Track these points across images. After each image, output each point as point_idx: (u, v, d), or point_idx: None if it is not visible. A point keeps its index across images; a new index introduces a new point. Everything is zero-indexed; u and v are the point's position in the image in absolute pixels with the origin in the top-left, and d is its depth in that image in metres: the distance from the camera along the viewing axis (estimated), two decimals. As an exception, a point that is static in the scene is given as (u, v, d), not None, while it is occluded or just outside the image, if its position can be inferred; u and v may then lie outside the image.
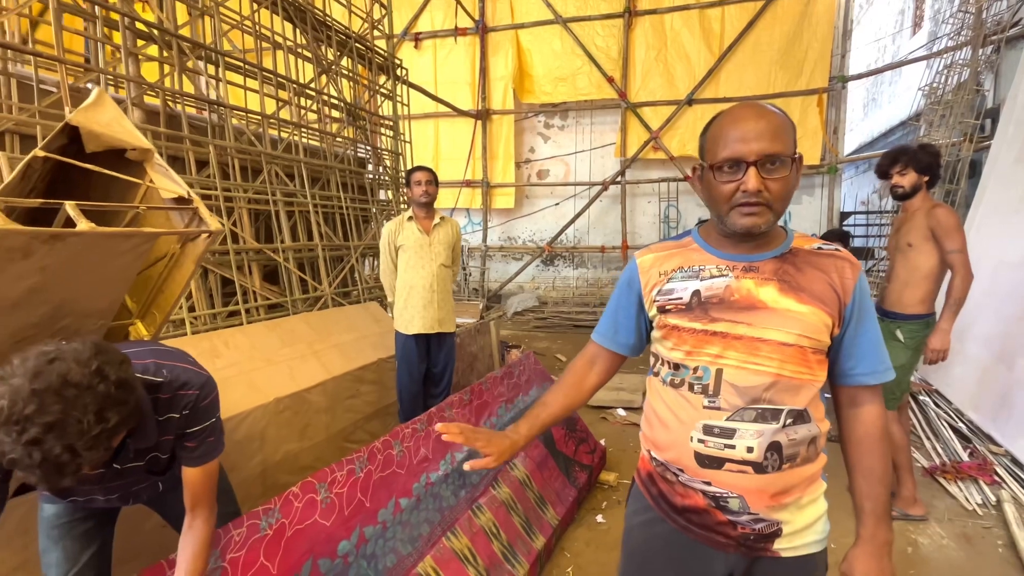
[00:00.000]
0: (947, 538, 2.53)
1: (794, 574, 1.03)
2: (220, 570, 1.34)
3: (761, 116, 0.94)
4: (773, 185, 0.93)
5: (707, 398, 1.00)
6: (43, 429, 0.84)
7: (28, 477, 0.89)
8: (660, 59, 8.04)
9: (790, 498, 0.99)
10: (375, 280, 4.95)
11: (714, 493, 1.01)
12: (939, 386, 4.34)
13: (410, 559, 1.78)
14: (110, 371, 0.93)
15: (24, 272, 1.09)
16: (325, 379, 3.04)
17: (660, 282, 1.08)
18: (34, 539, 1.68)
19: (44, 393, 0.86)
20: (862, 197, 12.22)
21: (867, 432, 1.04)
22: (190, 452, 1.24)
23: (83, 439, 0.88)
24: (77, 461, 0.88)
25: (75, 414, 0.87)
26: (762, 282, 0.99)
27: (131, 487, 1.31)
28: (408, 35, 8.82)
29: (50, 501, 1.38)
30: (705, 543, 1.05)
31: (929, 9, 9.16)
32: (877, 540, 1.00)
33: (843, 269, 1.00)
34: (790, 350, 0.96)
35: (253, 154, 3.75)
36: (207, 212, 1.47)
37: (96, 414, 0.89)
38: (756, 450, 0.96)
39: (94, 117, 1.43)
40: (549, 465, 2.67)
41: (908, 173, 2.57)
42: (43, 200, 1.14)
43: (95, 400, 0.90)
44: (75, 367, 0.89)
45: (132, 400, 0.97)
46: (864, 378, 1.02)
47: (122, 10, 2.92)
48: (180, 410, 1.19)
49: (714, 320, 1.00)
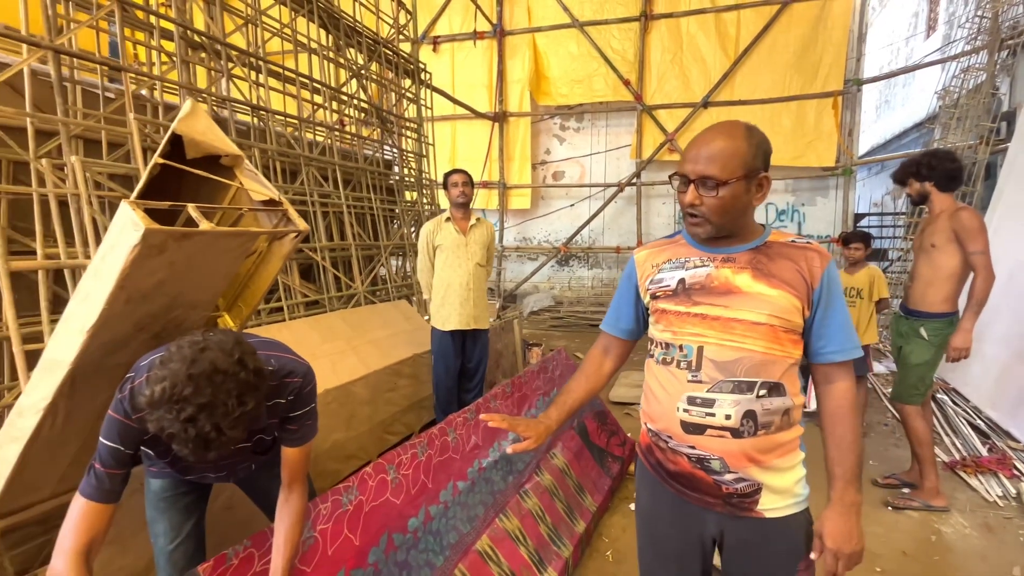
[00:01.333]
0: (969, 527, 2.64)
1: (779, 532, 1.16)
2: (312, 540, 1.47)
3: (710, 142, 1.11)
4: (708, 201, 1.10)
5: (691, 373, 1.15)
6: (197, 409, 0.97)
7: (181, 450, 1.02)
8: (676, 62, 8.14)
9: (766, 460, 1.13)
10: (403, 278, 5.09)
11: (698, 456, 1.15)
12: (957, 385, 4.42)
13: (469, 536, 1.91)
14: (249, 361, 1.06)
15: (157, 267, 1.23)
16: (366, 373, 3.18)
17: (652, 273, 1.25)
18: (125, 515, 1.83)
19: (198, 378, 0.98)
20: (875, 199, 12.26)
21: (838, 404, 1.15)
22: (292, 434, 1.35)
23: (227, 419, 1.00)
24: (222, 438, 1.01)
25: (222, 397, 1.00)
26: (738, 270, 1.14)
27: (237, 466, 1.44)
28: (427, 39, 8.97)
29: (156, 477, 1.51)
30: (697, 504, 1.20)
31: (944, 13, 9.22)
32: (845, 501, 1.11)
33: (812, 259, 1.13)
34: (761, 328, 1.10)
35: (292, 157, 3.89)
36: (295, 213, 1.60)
37: (238, 398, 1.02)
38: (733, 417, 1.11)
39: (193, 126, 1.57)
40: (585, 455, 2.79)
41: (912, 183, 2.73)
42: (172, 203, 1.27)
43: (237, 386, 1.02)
44: (222, 356, 1.02)
45: (264, 387, 1.10)
46: (833, 356, 1.15)
47: (177, 20, 3.07)
48: (286, 396, 1.30)
49: (696, 303, 1.16)
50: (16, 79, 2.37)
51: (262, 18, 3.85)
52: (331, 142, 4.35)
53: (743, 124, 1.14)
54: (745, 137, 1.11)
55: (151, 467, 1.50)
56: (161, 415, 0.98)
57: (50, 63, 2.43)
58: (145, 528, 1.83)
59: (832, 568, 1.10)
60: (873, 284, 3.59)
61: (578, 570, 2.32)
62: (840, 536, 1.09)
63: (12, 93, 2.45)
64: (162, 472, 1.49)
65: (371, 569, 1.56)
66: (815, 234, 7.98)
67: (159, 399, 0.97)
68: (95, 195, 2.44)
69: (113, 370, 1.40)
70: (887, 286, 3.65)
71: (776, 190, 8.20)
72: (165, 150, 1.49)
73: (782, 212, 8.22)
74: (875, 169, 11.97)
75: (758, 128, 1.15)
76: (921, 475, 2.82)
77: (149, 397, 0.99)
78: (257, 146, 3.56)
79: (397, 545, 1.67)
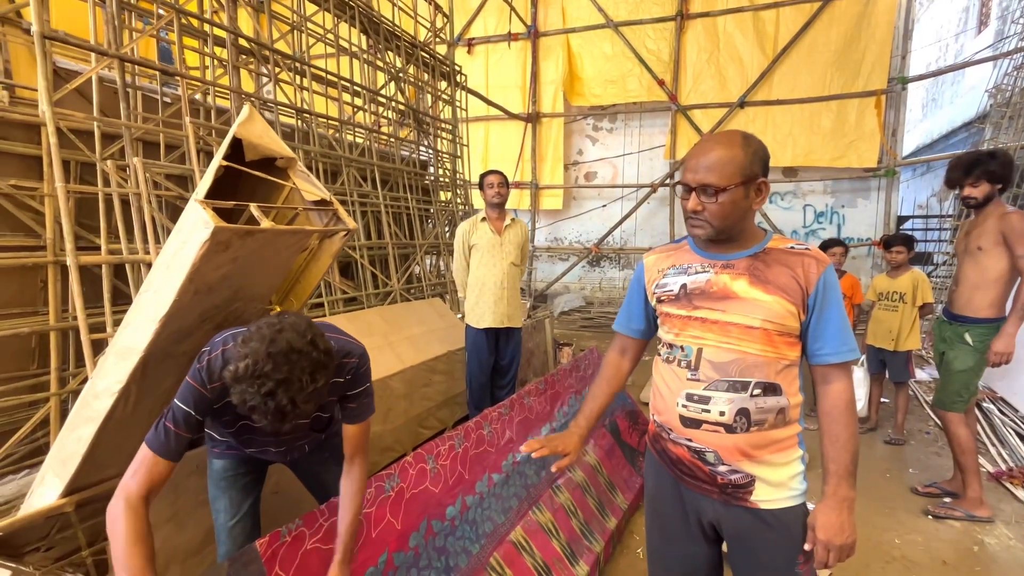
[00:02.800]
0: (1015, 539, 2.56)
1: (775, 524, 1.20)
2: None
3: (709, 151, 1.17)
4: (709, 207, 1.17)
5: (690, 372, 1.23)
6: (276, 384, 1.07)
7: (260, 420, 1.13)
8: (712, 61, 8.04)
9: (759, 455, 1.19)
10: (436, 277, 5.19)
11: (695, 448, 1.24)
12: (1005, 394, 4.27)
13: (504, 527, 1.97)
14: (320, 342, 1.16)
15: (222, 262, 1.32)
16: (402, 368, 3.27)
17: (658, 277, 1.33)
18: (182, 495, 1.95)
19: (277, 356, 1.08)
20: (919, 201, 11.85)
21: (834, 404, 1.19)
22: (351, 411, 1.45)
23: (302, 394, 1.10)
24: (296, 411, 1.11)
25: (297, 374, 1.09)
26: (736, 276, 1.20)
27: (296, 442, 1.55)
28: (462, 41, 9.08)
29: (219, 458, 1.63)
30: (695, 490, 1.28)
31: (996, 8, 8.86)
32: (838, 496, 1.15)
33: (808, 265, 1.17)
34: (756, 332, 1.17)
35: (333, 157, 4.02)
36: (344, 213, 1.69)
37: (310, 375, 1.11)
38: (727, 414, 1.18)
39: (251, 130, 1.67)
40: (616, 454, 2.82)
41: (981, 184, 2.55)
42: (236, 202, 1.37)
43: (310, 364, 1.12)
44: (297, 337, 1.12)
45: (332, 366, 1.19)
46: (829, 358, 1.18)
47: (229, 28, 3.22)
48: (344, 375, 1.40)
49: (696, 308, 1.23)
50: (84, 85, 2.54)
51: (307, 24, 3.99)
52: (370, 143, 4.47)
53: (740, 133, 1.20)
54: (741, 145, 1.17)
55: (214, 448, 1.62)
56: (244, 389, 1.09)
57: (115, 70, 2.59)
58: (200, 508, 1.95)
59: (823, 559, 1.15)
60: (916, 289, 3.51)
61: (609, 565, 2.35)
62: (831, 528, 1.14)
63: (79, 98, 2.62)
64: (224, 453, 1.61)
65: (412, 553, 1.63)
66: (855, 237, 7.78)
67: (242, 375, 1.07)
68: (154, 194, 2.59)
69: (180, 357, 1.50)
70: (931, 291, 3.57)
71: (815, 191, 8.02)
72: (226, 153, 1.59)
73: (820, 214, 8.04)
74: (920, 170, 11.57)
75: (755, 136, 1.20)
76: (964, 484, 2.75)
77: (233, 373, 1.09)
78: (301, 148, 3.70)
79: (436, 532, 1.73)
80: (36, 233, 2.42)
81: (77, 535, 1.70)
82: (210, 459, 1.64)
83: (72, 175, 2.56)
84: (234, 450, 1.59)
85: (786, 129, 7.68)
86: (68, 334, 2.44)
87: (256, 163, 1.72)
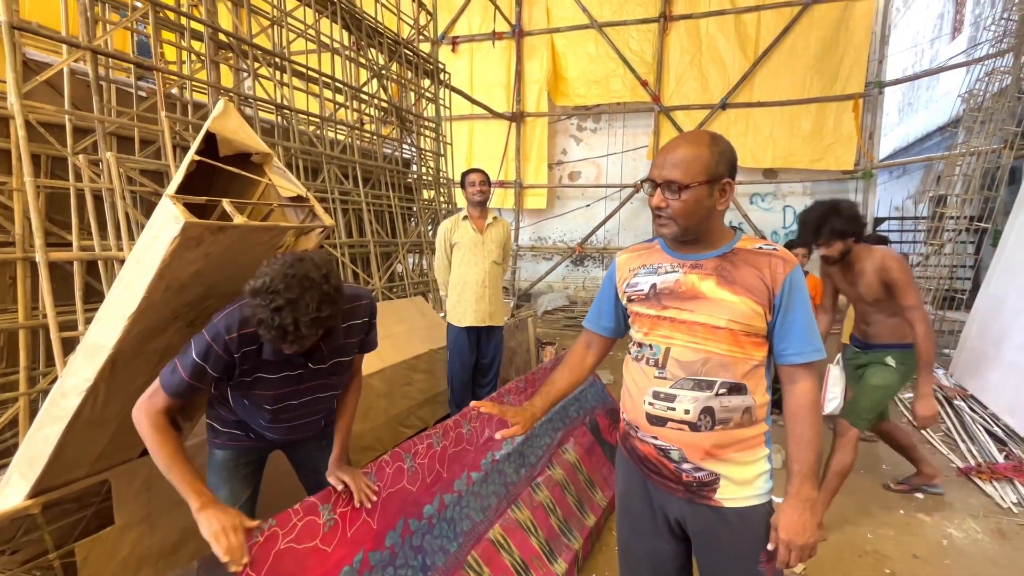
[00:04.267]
0: (982, 533, 2.63)
1: (739, 523, 1.22)
2: (332, 521, 1.53)
3: (675, 149, 1.18)
4: (673, 204, 1.18)
5: (657, 370, 1.25)
6: (284, 302, 1.18)
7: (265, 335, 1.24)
8: (695, 63, 8.12)
9: (723, 454, 1.21)
10: (419, 275, 5.17)
11: (660, 445, 1.26)
12: (975, 391, 4.38)
13: (482, 525, 1.97)
14: (333, 278, 1.26)
15: (194, 258, 1.30)
16: (383, 367, 3.25)
17: (629, 277, 1.33)
18: (156, 495, 1.92)
19: (291, 279, 1.19)
20: (896, 203, 12.09)
21: (799, 404, 1.20)
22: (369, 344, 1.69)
23: (306, 317, 1.20)
24: (297, 333, 1.21)
25: (306, 299, 1.19)
26: (704, 276, 1.21)
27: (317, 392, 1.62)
28: (446, 39, 9.05)
29: (220, 448, 1.67)
30: (662, 488, 1.30)
31: (970, 15, 9.07)
32: (801, 496, 1.17)
33: (775, 265, 1.18)
34: (722, 332, 1.18)
35: (314, 155, 3.98)
36: (320, 209, 1.67)
37: (318, 303, 1.21)
38: (692, 412, 1.20)
39: (226, 125, 1.64)
40: (596, 452, 2.83)
41: (834, 243, 2.45)
42: (208, 198, 1.35)
43: (319, 293, 1.22)
44: (313, 268, 1.23)
45: (340, 302, 1.30)
46: (793, 358, 1.19)
47: (206, 22, 3.17)
48: (362, 316, 1.58)
49: (665, 307, 1.24)
50: (55, 78, 2.48)
51: (287, 19, 3.94)
52: (352, 140, 4.44)
53: (708, 133, 1.21)
54: (708, 145, 1.18)
55: (215, 439, 1.67)
56: (256, 303, 1.20)
57: (88, 63, 2.54)
58: (174, 509, 1.92)
59: (785, 558, 1.17)
60: (890, 288, 3.58)
61: (588, 563, 2.37)
62: (793, 528, 1.15)
63: (51, 91, 2.56)
64: (225, 444, 1.67)
65: (388, 552, 1.62)
66: (833, 237, 7.90)
67: (258, 288, 1.19)
68: (128, 190, 2.54)
69: (150, 355, 1.48)
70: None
71: (794, 192, 8.15)
72: (200, 147, 1.56)
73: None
74: (896, 172, 11.81)
75: (723, 137, 1.22)
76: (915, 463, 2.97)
77: (252, 286, 1.21)
78: (281, 144, 3.65)
79: (413, 530, 1.73)
80: (5, 229, 2.36)
81: (44, 537, 1.66)
82: (211, 450, 1.68)
83: (43, 170, 2.50)
84: (236, 441, 1.66)
85: (766, 131, 7.79)
86: (38, 332, 2.39)
87: (231, 159, 1.70)
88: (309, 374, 1.55)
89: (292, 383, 1.54)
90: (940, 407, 4.27)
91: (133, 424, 1.35)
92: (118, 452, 1.79)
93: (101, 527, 1.79)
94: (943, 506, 2.88)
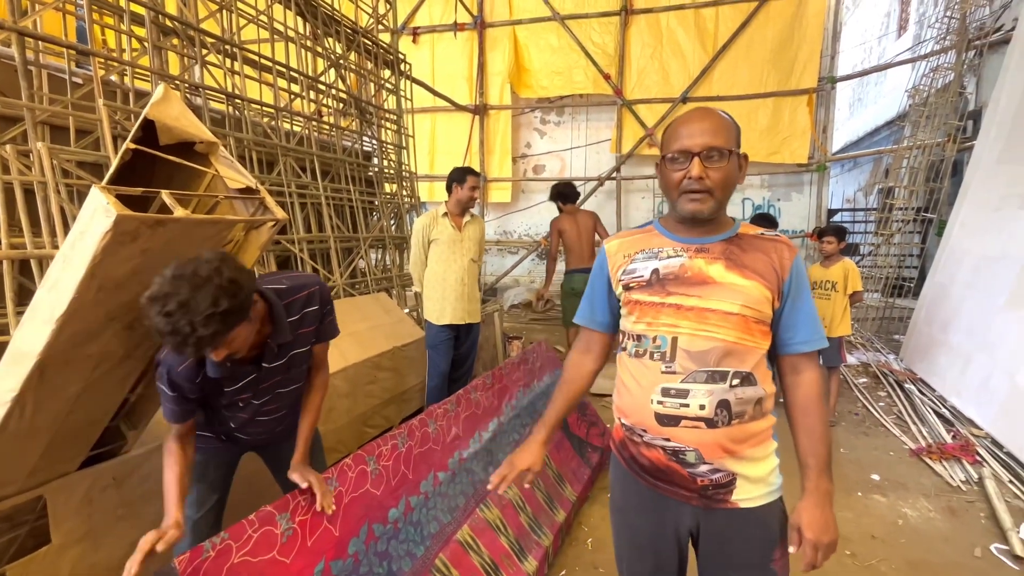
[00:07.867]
0: (934, 511, 2.73)
1: (754, 522, 1.16)
2: (291, 531, 1.46)
3: (705, 117, 1.12)
4: (714, 174, 1.10)
5: (664, 364, 1.14)
6: (176, 306, 1.13)
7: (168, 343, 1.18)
8: (655, 57, 8.18)
9: (740, 450, 1.13)
10: (382, 271, 5.05)
11: (673, 448, 1.15)
12: (924, 375, 4.57)
13: (450, 527, 1.92)
14: (226, 271, 1.20)
15: (130, 255, 1.20)
16: (345, 366, 3.15)
17: (624, 263, 1.23)
18: (97, 510, 1.80)
19: (179, 280, 1.15)
20: (847, 195, 12.54)
21: (807, 395, 1.15)
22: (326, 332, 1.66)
23: (200, 316, 1.14)
24: (196, 334, 1.15)
25: (198, 297, 1.14)
26: (711, 260, 1.14)
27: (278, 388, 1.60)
28: (407, 29, 8.86)
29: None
30: (672, 497, 1.19)
31: (914, 13, 9.44)
32: (820, 491, 1.11)
33: (782, 251, 1.15)
34: (734, 319, 1.11)
35: (268, 147, 3.82)
36: (272, 201, 1.57)
37: (212, 299, 1.16)
38: (708, 407, 1.11)
39: (165, 111, 1.53)
40: (565, 446, 2.81)
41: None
42: (144, 189, 1.24)
43: (212, 289, 1.16)
44: (204, 265, 1.18)
45: (241, 294, 1.22)
46: (801, 346, 1.15)
47: (148, 5, 2.98)
48: (316, 304, 1.57)
49: (670, 294, 1.15)
50: (-23, 62, 2.29)
51: (237, 4, 3.75)
52: (309, 132, 4.28)
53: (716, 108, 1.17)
54: (727, 117, 1.14)
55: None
56: (152, 313, 1.15)
57: (14, 46, 2.34)
58: (119, 523, 1.81)
59: (813, 559, 1.09)
60: (847, 277, 3.68)
61: (558, 558, 2.35)
62: (818, 527, 1.09)
63: (-28, 77, 2.36)
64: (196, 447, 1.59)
65: (351, 560, 1.55)
66: (790, 229, 8.13)
67: (150, 296, 1.15)
68: (63, 183, 2.37)
69: (84, 361, 1.36)
70: (861, 279, 3.76)
71: (752, 185, 8.33)
72: (137, 135, 1.45)
73: (758, 207, 8.35)
74: (848, 166, 12.24)
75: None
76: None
77: (144, 298, 1.16)
78: (232, 135, 3.48)
79: (378, 536, 1.66)
80: (-79, 226, 2.16)
81: (-30, 561, 1.53)
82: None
83: (-35, 162, 2.30)
84: (205, 443, 1.64)
85: (726, 125, 7.92)
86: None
87: (174, 148, 1.58)
88: (266, 373, 1.51)
89: (251, 387, 1.52)
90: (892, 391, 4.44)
91: (69, 435, 1.26)
92: (54, 465, 1.65)
93: (37, 547, 1.66)
94: (898, 487, 2.98)
